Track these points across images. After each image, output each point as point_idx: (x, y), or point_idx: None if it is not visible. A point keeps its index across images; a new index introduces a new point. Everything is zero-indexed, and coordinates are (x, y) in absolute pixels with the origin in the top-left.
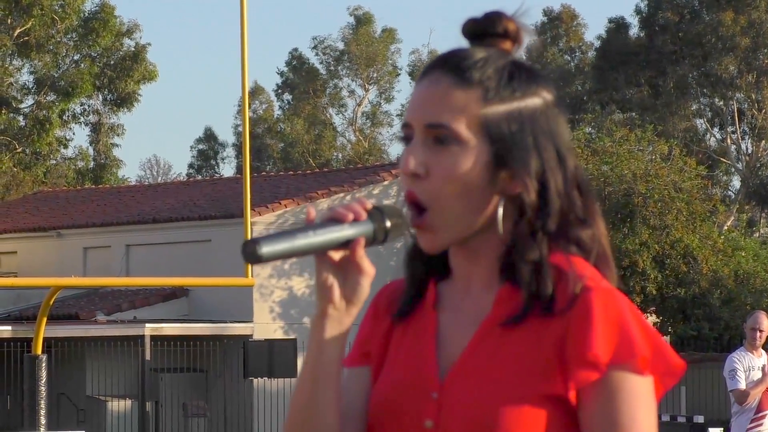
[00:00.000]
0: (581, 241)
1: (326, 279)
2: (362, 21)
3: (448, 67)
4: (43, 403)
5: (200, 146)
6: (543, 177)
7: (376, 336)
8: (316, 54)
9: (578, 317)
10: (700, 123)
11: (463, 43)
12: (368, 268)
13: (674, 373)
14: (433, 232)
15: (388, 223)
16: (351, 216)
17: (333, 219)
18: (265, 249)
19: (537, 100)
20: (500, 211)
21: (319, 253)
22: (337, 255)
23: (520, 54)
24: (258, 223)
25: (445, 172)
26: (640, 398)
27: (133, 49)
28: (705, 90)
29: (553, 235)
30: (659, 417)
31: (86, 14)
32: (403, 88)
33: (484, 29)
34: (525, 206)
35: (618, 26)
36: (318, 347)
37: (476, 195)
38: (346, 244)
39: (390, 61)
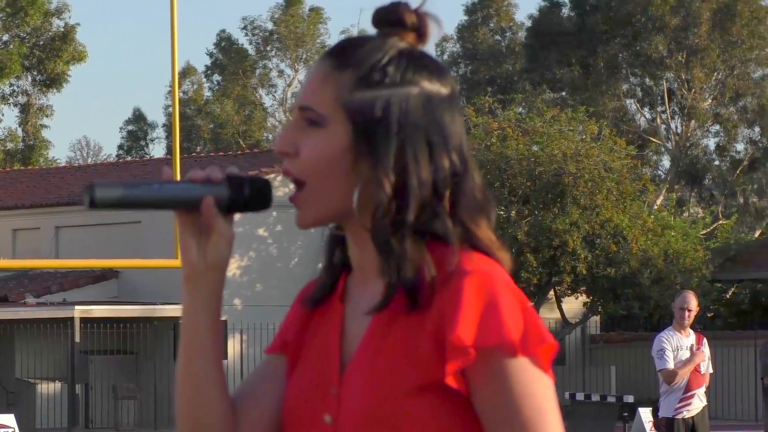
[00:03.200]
0: (446, 234)
1: (183, 240)
2: (292, 2)
3: (331, 52)
4: None
5: (130, 127)
6: (404, 168)
7: (295, 325)
8: (246, 35)
9: (449, 302)
10: (630, 103)
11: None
12: (223, 230)
13: (549, 354)
14: (302, 207)
15: (248, 191)
16: (203, 176)
17: (188, 179)
18: (99, 194)
19: (414, 89)
20: (355, 196)
21: (176, 212)
22: (193, 217)
23: (426, 47)
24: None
25: (309, 151)
26: (521, 377)
27: (62, 29)
28: (635, 70)
29: (413, 226)
30: (589, 397)
31: None
32: None
33: (385, 18)
34: (376, 195)
35: (551, 5)
36: (186, 313)
37: (342, 177)
38: (197, 204)
39: (319, 41)
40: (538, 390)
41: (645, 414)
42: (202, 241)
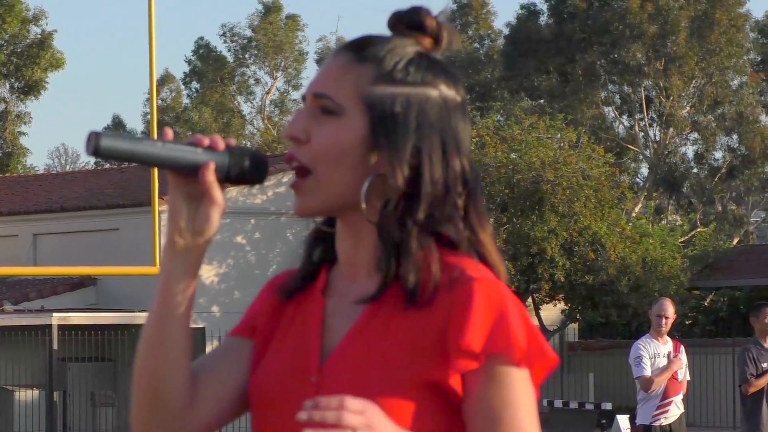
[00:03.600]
0: (457, 238)
1: (174, 204)
2: (271, 9)
3: (351, 45)
4: None
5: None
6: (418, 165)
7: (265, 313)
8: (224, 42)
9: (458, 305)
10: (609, 110)
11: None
12: (218, 198)
13: (548, 368)
14: (305, 195)
15: (247, 163)
16: (207, 142)
17: (190, 143)
18: (105, 143)
19: (433, 92)
20: (365, 186)
21: (171, 174)
22: (188, 181)
23: (442, 54)
24: (166, 211)
25: (322, 139)
26: (518, 386)
27: (39, 36)
28: (613, 77)
29: (422, 225)
30: (567, 404)
31: None
32: (311, 75)
33: (405, 21)
34: (388, 188)
35: (529, 13)
36: (165, 278)
37: (352, 168)
38: (196, 168)
39: (297, 49)
40: (525, 404)
41: (623, 421)
42: (192, 207)
